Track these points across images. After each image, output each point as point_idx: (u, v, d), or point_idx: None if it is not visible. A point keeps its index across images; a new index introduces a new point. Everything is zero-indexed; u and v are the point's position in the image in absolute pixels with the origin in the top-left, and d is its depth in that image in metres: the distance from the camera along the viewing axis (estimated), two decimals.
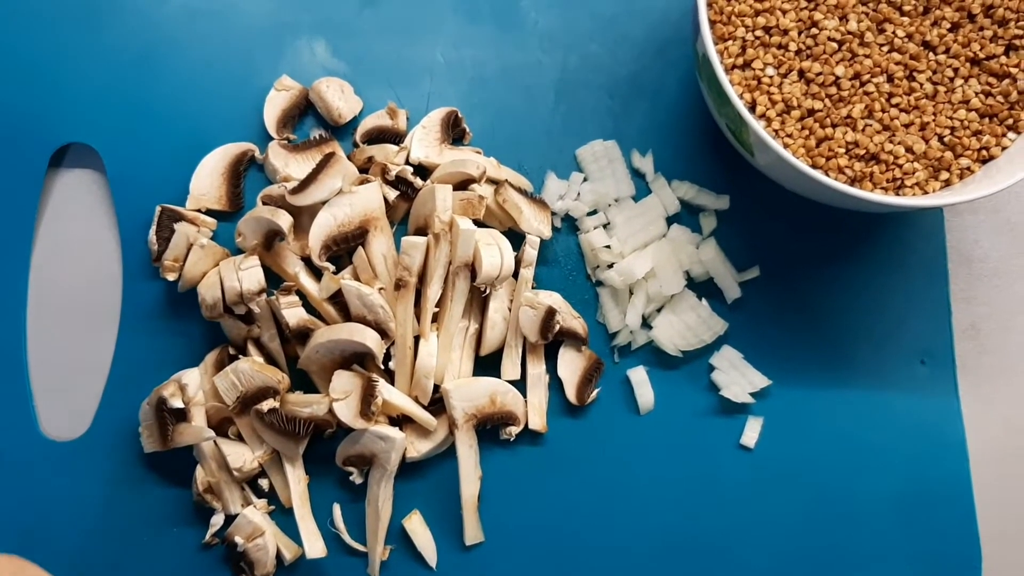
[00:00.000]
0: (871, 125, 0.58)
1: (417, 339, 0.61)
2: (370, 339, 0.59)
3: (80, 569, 0.62)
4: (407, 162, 0.64)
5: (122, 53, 0.66)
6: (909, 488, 0.64)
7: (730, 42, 0.58)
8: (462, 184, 0.62)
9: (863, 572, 0.63)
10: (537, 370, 0.63)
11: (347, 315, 0.61)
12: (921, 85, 0.58)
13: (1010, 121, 0.58)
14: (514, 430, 0.62)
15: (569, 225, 0.66)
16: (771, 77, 0.58)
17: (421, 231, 0.62)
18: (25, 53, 0.66)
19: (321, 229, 0.60)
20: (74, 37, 0.66)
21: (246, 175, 0.65)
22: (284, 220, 0.59)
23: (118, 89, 0.66)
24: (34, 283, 0.65)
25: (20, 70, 0.65)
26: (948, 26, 0.58)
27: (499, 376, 0.62)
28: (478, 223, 0.61)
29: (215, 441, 0.60)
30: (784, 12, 0.58)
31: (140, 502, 0.62)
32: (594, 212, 0.65)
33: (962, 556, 0.63)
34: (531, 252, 0.62)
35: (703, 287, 0.65)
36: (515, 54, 0.67)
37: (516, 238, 0.63)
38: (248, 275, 0.59)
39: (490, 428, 0.62)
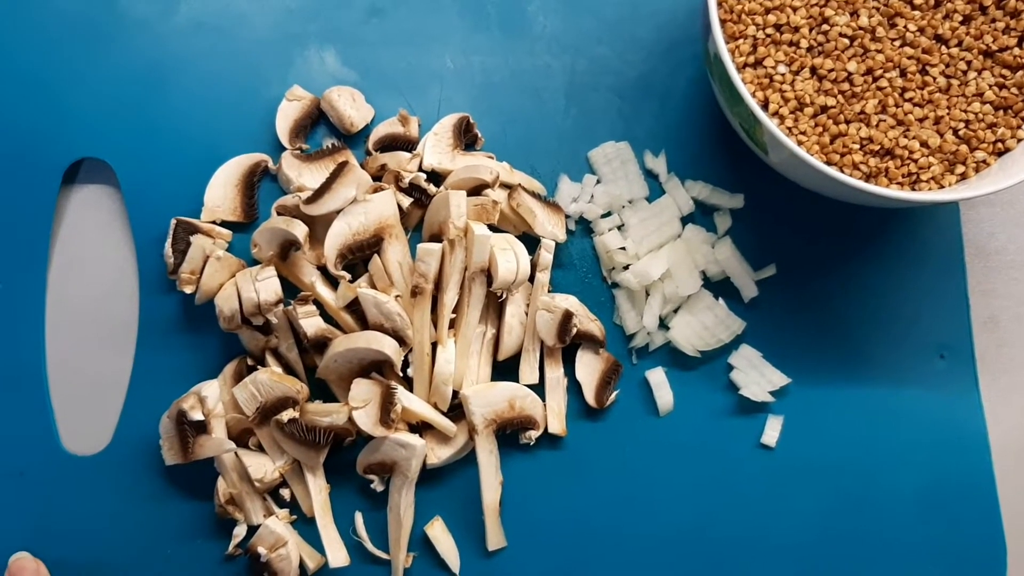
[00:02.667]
0: (885, 120, 0.57)
1: (435, 346, 0.61)
2: (388, 347, 0.59)
3: None
4: (420, 169, 0.64)
5: (132, 68, 0.66)
6: (931, 483, 0.63)
7: (741, 41, 0.58)
8: (476, 189, 0.62)
9: (887, 569, 0.63)
10: (555, 374, 0.63)
11: (364, 323, 0.61)
12: (934, 79, 0.58)
13: None
14: (534, 434, 0.62)
15: (583, 228, 0.66)
16: (783, 75, 0.58)
17: (436, 238, 0.62)
18: (36, 70, 0.66)
19: (336, 238, 0.60)
20: (84, 53, 0.66)
21: (260, 186, 0.66)
22: (299, 230, 0.59)
23: (130, 103, 0.66)
24: (51, 299, 0.65)
25: (31, 87, 0.66)
26: (960, 19, 0.58)
27: (517, 381, 0.62)
28: (492, 228, 0.62)
29: (236, 452, 0.60)
30: (795, 9, 0.58)
31: (162, 515, 0.62)
32: (608, 214, 0.65)
33: (987, 550, 0.63)
34: (546, 256, 0.62)
35: (719, 287, 0.64)
36: (523, 58, 0.67)
37: (531, 242, 0.63)
38: (265, 286, 0.59)
39: (510, 433, 0.62)
